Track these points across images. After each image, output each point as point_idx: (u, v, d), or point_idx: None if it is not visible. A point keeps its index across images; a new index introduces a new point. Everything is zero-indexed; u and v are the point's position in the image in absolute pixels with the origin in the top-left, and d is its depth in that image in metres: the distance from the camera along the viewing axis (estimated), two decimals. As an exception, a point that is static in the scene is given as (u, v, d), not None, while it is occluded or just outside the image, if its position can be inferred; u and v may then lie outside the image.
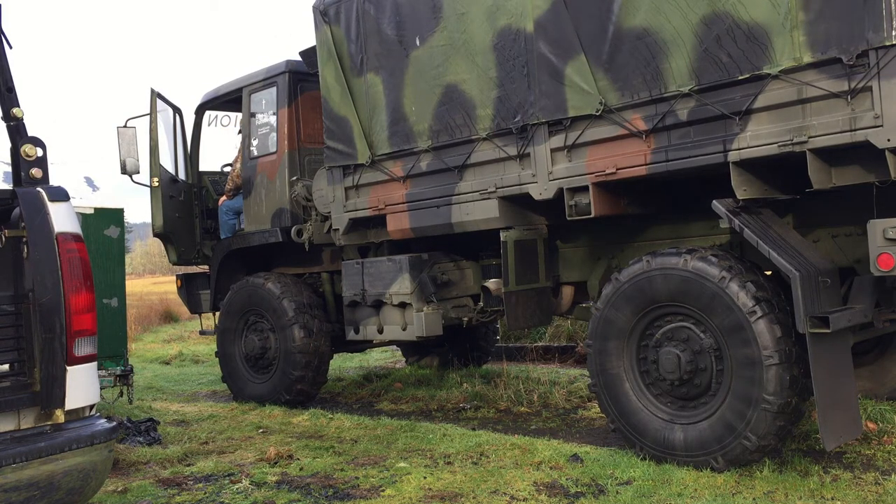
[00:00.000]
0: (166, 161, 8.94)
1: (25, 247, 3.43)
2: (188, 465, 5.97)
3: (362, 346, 9.22)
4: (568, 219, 5.80)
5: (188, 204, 9.19)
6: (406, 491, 5.02)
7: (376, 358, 11.83)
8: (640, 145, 5.31)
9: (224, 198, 9.06)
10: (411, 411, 7.85)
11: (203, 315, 9.92)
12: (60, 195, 3.50)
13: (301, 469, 5.68)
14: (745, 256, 5.35)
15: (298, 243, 8.10)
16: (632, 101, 5.30)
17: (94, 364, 3.50)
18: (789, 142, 4.62)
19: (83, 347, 3.42)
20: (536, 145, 5.89)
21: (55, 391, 3.35)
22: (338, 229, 7.52)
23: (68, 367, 3.37)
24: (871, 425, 5.67)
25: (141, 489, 5.35)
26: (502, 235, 6.25)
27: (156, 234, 9.39)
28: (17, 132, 3.75)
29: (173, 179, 9.01)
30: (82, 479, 3.29)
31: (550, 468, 5.32)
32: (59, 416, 3.38)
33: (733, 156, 4.85)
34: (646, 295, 5.33)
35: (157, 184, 8.83)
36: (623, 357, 5.50)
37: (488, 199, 6.28)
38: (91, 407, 3.50)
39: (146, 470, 5.88)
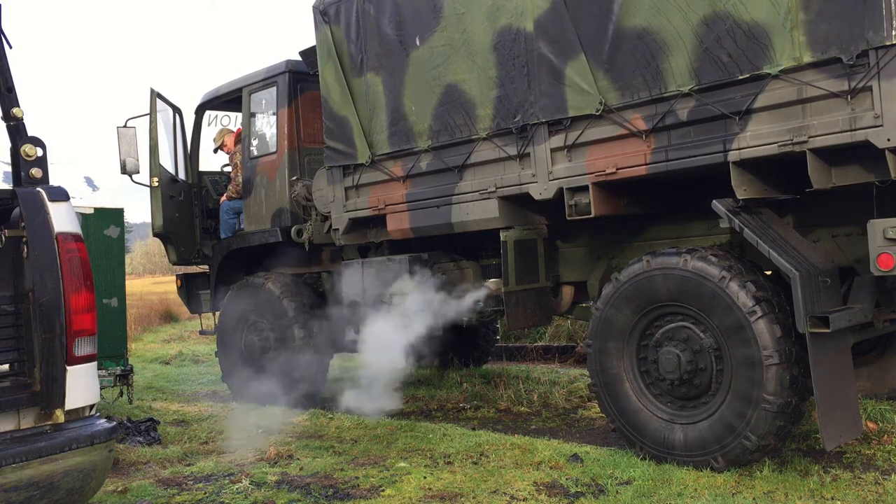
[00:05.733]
0: (166, 161, 8.95)
1: (25, 247, 3.42)
2: (188, 465, 5.97)
3: (362, 346, 9.21)
4: (568, 219, 5.80)
5: (188, 204, 9.20)
6: (406, 491, 5.02)
7: (376, 358, 11.81)
8: (640, 145, 5.31)
9: (225, 197, 9.07)
10: (411, 411, 7.85)
11: (203, 315, 9.92)
12: (60, 195, 3.50)
13: (301, 469, 5.67)
14: (745, 256, 5.35)
15: (298, 243, 8.10)
16: (632, 101, 5.30)
17: (94, 364, 3.50)
18: (789, 142, 4.62)
19: (83, 347, 3.42)
20: (536, 145, 5.89)
21: (55, 391, 3.34)
22: (338, 229, 7.53)
23: (68, 367, 3.37)
24: (871, 425, 5.67)
25: (141, 489, 5.35)
26: (502, 235, 6.25)
27: (156, 234, 9.40)
28: (17, 132, 3.75)
29: (173, 179, 9.01)
30: (82, 479, 3.29)
31: (550, 468, 5.32)
32: (59, 416, 3.37)
33: (733, 156, 4.85)
34: (646, 295, 5.33)
35: (157, 184, 8.84)
36: (623, 357, 5.51)
37: (488, 198, 6.28)
38: (91, 407, 3.49)
39: (146, 470, 5.88)
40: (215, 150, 9.34)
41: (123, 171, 8.30)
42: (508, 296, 6.29)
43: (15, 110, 3.79)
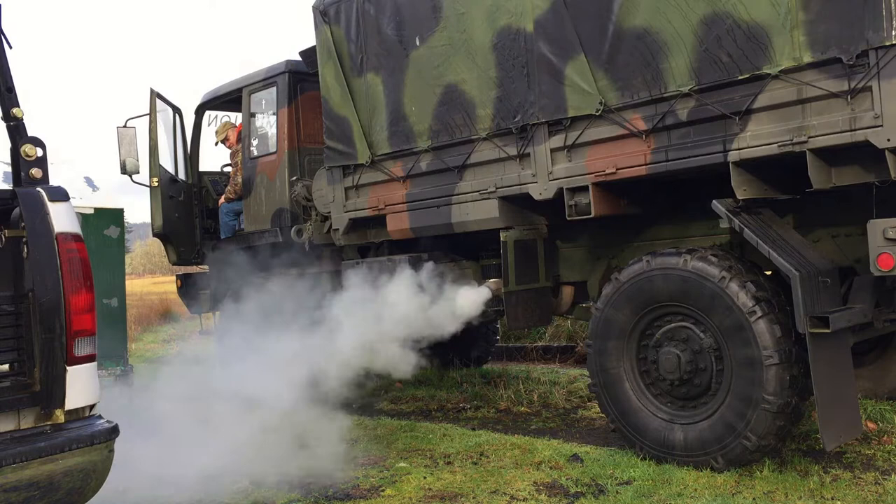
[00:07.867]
0: (166, 161, 8.95)
1: (25, 247, 3.42)
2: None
3: (362, 346, 9.20)
4: (568, 219, 5.79)
5: (188, 204, 9.20)
6: (406, 491, 5.02)
7: (376, 358, 11.80)
8: (640, 145, 5.31)
9: (223, 199, 9.07)
10: (411, 411, 7.84)
11: (203, 315, 9.92)
12: (60, 195, 3.49)
13: (301, 469, 5.67)
14: (745, 256, 5.35)
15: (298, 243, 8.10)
16: (632, 101, 5.29)
17: (94, 364, 3.50)
18: (789, 142, 4.61)
19: (83, 347, 3.42)
20: (536, 145, 5.89)
21: (55, 391, 3.34)
22: (338, 229, 7.53)
23: (68, 367, 3.36)
24: (871, 425, 5.67)
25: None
26: (502, 235, 6.25)
27: (156, 234, 9.40)
28: (17, 132, 3.75)
29: (173, 179, 9.01)
30: (82, 479, 3.29)
31: (550, 468, 5.32)
32: (59, 416, 3.37)
33: (733, 156, 4.85)
34: (646, 295, 5.33)
35: (156, 184, 8.84)
36: (623, 357, 5.51)
37: (488, 199, 6.28)
38: (91, 407, 3.50)
39: (146, 470, 5.87)
40: (216, 144, 9.34)
41: (123, 171, 8.30)
42: (508, 296, 6.29)
43: (15, 110, 3.78)
